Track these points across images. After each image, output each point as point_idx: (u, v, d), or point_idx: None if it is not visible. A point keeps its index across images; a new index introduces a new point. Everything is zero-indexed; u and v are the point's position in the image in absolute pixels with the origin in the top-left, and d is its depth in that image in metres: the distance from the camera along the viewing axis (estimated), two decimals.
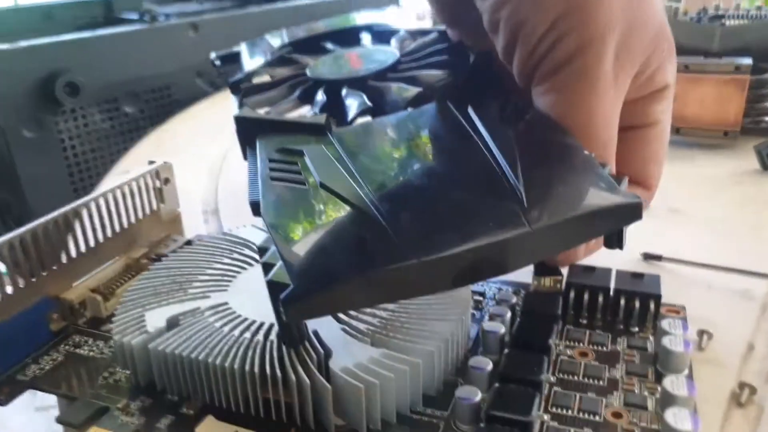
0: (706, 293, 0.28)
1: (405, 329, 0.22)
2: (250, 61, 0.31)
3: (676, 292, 0.25)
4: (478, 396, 0.20)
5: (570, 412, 0.21)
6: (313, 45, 0.31)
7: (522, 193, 0.19)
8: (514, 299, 0.26)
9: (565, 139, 0.21)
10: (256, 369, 0.20)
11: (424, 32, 0.30)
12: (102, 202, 0.28)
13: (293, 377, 0.20)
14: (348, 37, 0.31)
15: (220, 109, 0.29)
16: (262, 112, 0.26)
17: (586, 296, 0.25)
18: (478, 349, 0.24)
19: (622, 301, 0.25)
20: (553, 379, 0.22)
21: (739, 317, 0.26)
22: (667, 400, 0.20)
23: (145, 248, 0.31)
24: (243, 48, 0.32)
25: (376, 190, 0.20)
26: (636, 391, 0.22)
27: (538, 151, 0.22)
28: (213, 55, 0.33)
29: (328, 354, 0.21)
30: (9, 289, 0.24)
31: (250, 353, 0.21)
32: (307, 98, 0.27)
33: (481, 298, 0.27)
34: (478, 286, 0.28)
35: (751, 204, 0.37)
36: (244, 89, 0.27)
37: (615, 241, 0.21)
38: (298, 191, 0.21)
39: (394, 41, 0.29)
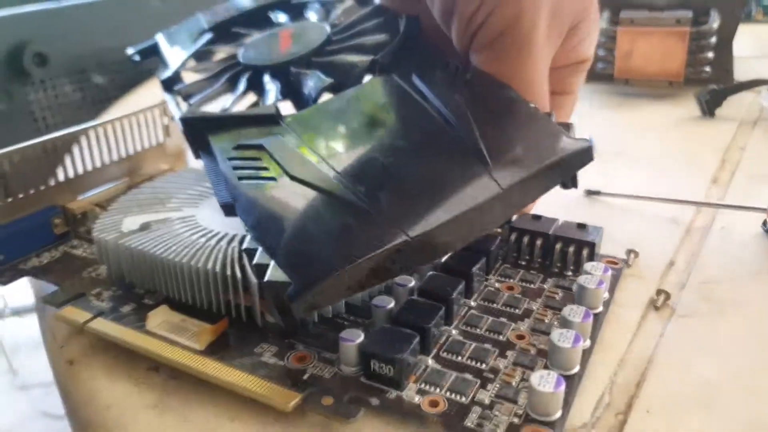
0: (639, 220, 0.31)
1: None
2: (171, 51, 0.30)
3: (612, 221, 0.28)
4: (391, 304, 0.22)
5: (478, 330, 0.23)
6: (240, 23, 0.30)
7: (486, 154, 0.20)
8: None
9: (509, 93, 0.22)
10: (200, 265, 0.23)
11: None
12: (110, 128, 0.32)
13: (229, 274, 0.23)
14: (262, 19, 0.30)
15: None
16: (197, 103, 0.26)
17: (525, 239, 0.27)
18: (413, 275, 0.26)
19: (558, 246, 0.27)
20: (472, 303, 0.24)
21: (666, 239, 0.29)
22: (564, 324, 0.22)
23: (148, 175, 0.34)
24: (160, 38, 0.31)
25: (346, 173, 0.20)
26: (546, 320, 0.24)
27: (487, 109, 0.22)
28: (130, 50, 0.31)
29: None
30: (19, 195, 0.29)
31: (198, 253, 0.24)
32: (234, 83, 0.27)
33: None
34: None
35: (690, 145, 0.40)
36: (180, 89, 0.27)
37: (570, 182, 0.22)
38: (270, 187, 0.21)
39: (322, 13, 0.29)
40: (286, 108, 0.24)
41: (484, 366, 0.21)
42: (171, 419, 0.20)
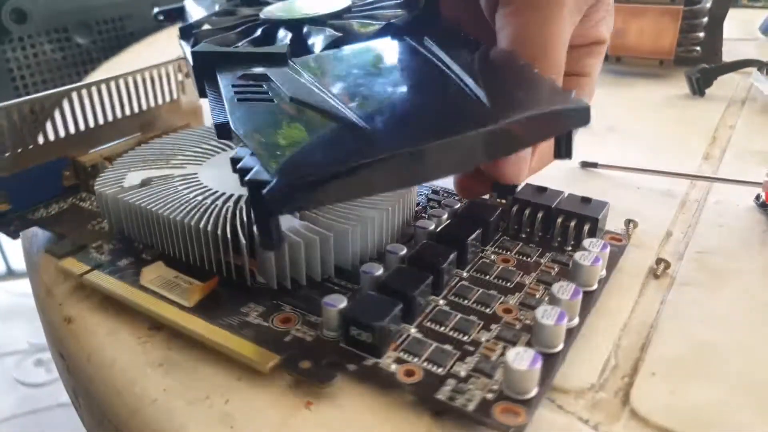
0: (635, 193, 0.32)
1: (333, 211, 0.24)
2: (196, 11, 0.31)
3: (608, 193, 0.28)
4: (379, 271, 0.22)
5: (466, 301, 0.23)
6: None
7: (485, 99, 0.20)
8: (457, 206, 0.27)
9: (517, 60, 0.22)
10: (192, 223, 0.23)
11: None
12: (122, 82, 0.32)
13: (219, 233, 0.23)
14: None
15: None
16: (210, 42, 0.26)
17: (527, 212, 0.27)
18: (411, 242, 0.26)
19: (559, 219, 0.26)
20: (464, 274, 0.24)
21: (662, 211, 0.30)
22: (552, 300, 0.22)
23: (161, 131, 0.34)
24: (188, 3, 0.32)
25: (347, 101, 0.20)
26: (537, 295, 0.23)
27: (494, 69, 0.23)
28: (156, 9, 0.33)
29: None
30: (30, 145, 0.29)
31: (193, 212, 0.24)
32: (250, 33, 0.27)
33: (436, 206, 0.29)
34: (435, 195, 0.30)
35: (680, 122, 0.41)
36: (196, 33, 0.28)
37: (563, 150, 0.22)
38: (267, 106, 0.21)
39: None
40: None
41: (465, 338, 0.21)
42: (179, 377, 0.20)
